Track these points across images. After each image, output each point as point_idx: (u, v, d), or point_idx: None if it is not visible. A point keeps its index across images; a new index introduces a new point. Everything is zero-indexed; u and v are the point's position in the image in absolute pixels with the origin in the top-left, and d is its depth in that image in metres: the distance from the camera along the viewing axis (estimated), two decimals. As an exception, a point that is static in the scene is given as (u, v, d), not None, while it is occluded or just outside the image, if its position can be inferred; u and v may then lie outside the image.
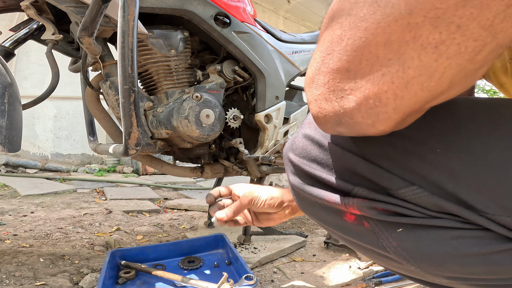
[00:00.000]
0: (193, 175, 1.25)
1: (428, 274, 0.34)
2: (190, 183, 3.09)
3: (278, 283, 1.04)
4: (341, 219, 0.37)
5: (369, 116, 0.25)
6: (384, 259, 0.37)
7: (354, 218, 0.35)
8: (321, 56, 0.27)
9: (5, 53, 0.98)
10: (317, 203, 0.38)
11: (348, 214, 0.36)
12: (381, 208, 0.33)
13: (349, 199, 0.34)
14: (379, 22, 0.22)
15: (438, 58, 0.21)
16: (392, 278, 1.02)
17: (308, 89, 0.30)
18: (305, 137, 0.39)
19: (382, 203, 0.33)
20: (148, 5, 0.93)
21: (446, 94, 0.24)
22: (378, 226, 0.34)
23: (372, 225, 0.34)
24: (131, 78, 0.74)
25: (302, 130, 0.40)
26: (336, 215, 0.37)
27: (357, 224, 0.35)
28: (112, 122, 1.20)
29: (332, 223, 0.39)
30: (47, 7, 0.96)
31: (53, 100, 3.56)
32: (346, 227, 0.37)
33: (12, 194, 2.28)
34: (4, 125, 0.74)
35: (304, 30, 5.50)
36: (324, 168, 0.37)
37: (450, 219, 0.31)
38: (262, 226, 0.75)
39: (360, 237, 0.36)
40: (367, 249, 0.38)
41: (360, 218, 0.35)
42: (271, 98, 1.21)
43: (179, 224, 1.73)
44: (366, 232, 0.35)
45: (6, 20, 2.94)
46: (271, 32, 1.29)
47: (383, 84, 0.23)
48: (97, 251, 1.25)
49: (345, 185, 0.35)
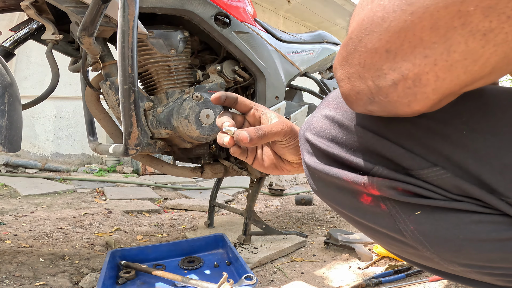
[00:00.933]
0: (193, 175, 1.25)
1: (443, 261, 0.33)
2: (190, 183, 3.09)
3: (278, 283, 1.04)
4: (357, 201, 0.36)
5: (406, 96, 0.26)
6: (398, 245, 0.36)
7: (371, 199, 0.34)
8: (358, 36, 0.27)
9: (5, 53, 0.98)
10: (333, 183, 0.37)
11: (365, 195, 0.35)
12: (401, 188, 0.32)
13: (368, 178, 0.33)
14: (427, 7, 0.22)
15: (485, 45, 0.22)
16: (392, 278, 1.02)
17: (341, 67, 0.30)
18: (324, 117, 0.38)
19: (403, 183, 0.32)
20: (148, 5, 0.93)
21: (486, 79, 0.25)
22: (396, 208, 0.33)
23: (389, 207, 0.34)
24: (131, 78, 0.74)
25: (320, 111, 0.39)
26: (352, 197, 0.36)
27: (374, 206, 0.34)
28: (112, 122, 1.21)
29: (348, 205, 0.37)
30: (47, 7, 0.96)
31: (53, 100, 3.56)
32: (362, 209, 0.36)
33: (12, 194, 2.28)
34: (4, 125, 0.74)
35: (304, 30, 5.50)
36: (343, 147, 0.36)
37: (470, 203, 0.30)
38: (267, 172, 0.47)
39: (376, 220, 0.35)
40: (382, 234, 0.36)
41: (377, 200, 0.34)
42: (271, 98, 1.21)
43: (179, 224, 1.73)
44: (382, 214, 0.34)
45: (6, 20, 2.94)
46: (271, 32, 1.29)
47: (425, 65, 0.24)
48: (97, 251, 1.25)
49: (365, 164, 0.34)
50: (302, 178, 3.68)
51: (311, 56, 1.40)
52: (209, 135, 1.03)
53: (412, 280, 1.03)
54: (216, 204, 1.58)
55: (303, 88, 1.51)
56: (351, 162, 0.35)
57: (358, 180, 0.34)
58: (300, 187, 3.39)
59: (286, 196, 2.79)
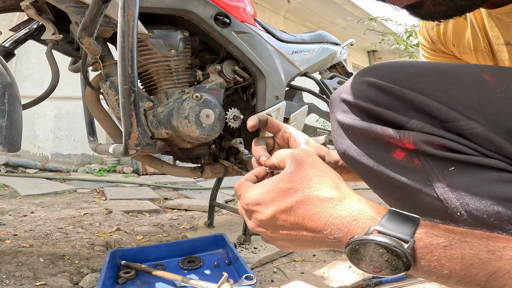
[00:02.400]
0: (193, 175, 1.25)
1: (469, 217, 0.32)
2: (190, 183, 3.09)
3: (278, 283, 1.04)
4: (389, 156, 0.36)
5: None
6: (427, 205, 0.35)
7: (404, 155, 0.35)
8: None
9: (5, 53, 0.98)
10: (367, 138, 0.38)
11: (398, 150, 0.35)
12: (437, 142, 0.33)
13: (404, 132, 0.34)
14: None
15: None
16: (392, 278, 1.02)
17: None
18: (361, 82, 0.39)
19: (438, 138, 0.33)
20: (148, 5, 0.93)
21: None
22: (430, 163, 0.34)
23: (423, 162, 0.34)
24: (131, 78, 0.74)
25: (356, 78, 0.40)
26: (385, 152, 0.36)
27: (407, 161, 0.35)
28: (112, 122, 1.20)
29: (379, 160, 0.37)
30: (47, 7, 0.96)
31: (53, 100, 3.56)
32: (394, 164, 0.36)
33: (12, 194, 2.28)
34: (4, 125, 0.74)
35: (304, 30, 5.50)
36: (379, 105, 0.37)
37: (502, 160, 0.31)
38: None
39: (408, 175, 0.35)
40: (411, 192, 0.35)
41: (411, 155, 0.34)
42: (271, 98, 1.21)
43: (179, 224, 1.73)
44: (415, 169, 0.34)
45: (6, 20, 2.94)
46: (271, 32, 1.29)
47: None
48: (97, 251, 1.25)
49: (401, 118, 0.35)
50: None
51: (311, 56, 1.40)
52: (209, 135, 1.03)
53: (412, 280, 1.03)
54: (216, 204, 1.58)
55: (303, 88, 1.51)
56: (386, 116, 0.36)
57: (393, 134, 0.35)
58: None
59: (286, 196, 2.79)
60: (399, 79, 0.36)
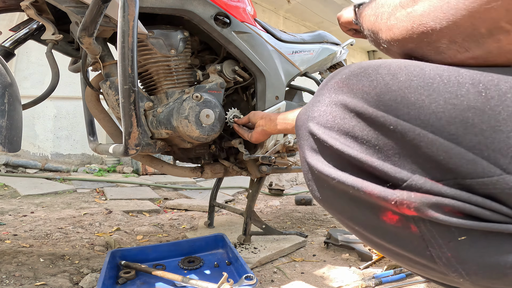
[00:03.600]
0: (193, 175, 1.25)
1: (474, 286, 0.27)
2: (190, 183, 3.09)
3: (278, 283, 1.04)
4: (377, 219, 0.28)
5: None
6: (423, 269, 0.29)
7: (398, 219, 0.27)
8: None
9: (5, 53, 0.98)
10: (346, 194, 0.28)
11: (390, 213, 0.27)
12: (450, 208, 0.24)
13: (404, 194, 0.25)
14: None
15: None
16: (392, 278, 1.02)
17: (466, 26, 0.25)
18: (333, 103, 0.28)
19: (454, 201, 0.24)
20: (148, 5, 0.93)
21: None
22: (432, 232, 0.26)
23: (422, 229, 0.26)
24: (131, 78, 0.74)
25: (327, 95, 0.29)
26: (371, 213, 0.28)
27: (401, 227, 0.27)
28: (112, 122, 1.20)
29: (363, 222, 0.29)
30: (47, 7, 0.96)
31: (53, 100, 3.56)
32: (383, 229, 0.28)
33: (12, 194, 2.28)
34: (4, 125, 0.74)
35: (304, 30, 5.50)
36: (363, 145, 0.27)
37: None
38: None
39: (400, 243, 0.28)
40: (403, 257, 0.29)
41: (407, 220, 0.26)
42: (271, 98, 1.21)
43: (179, 224, 1.73)
44: (411, 237, 0.27)
45: (6, 20, 2.94)
46: (271, 32, 1.29)
47: None
48: (97, 251, 1.25)
49: (398, 172, 0.25)
50: (302, 178, 3.67)
51: (311, 56, 1.39)
52: (209, 135, 1.03)
53: (412, 280, 1.03)
54: (216, 204, 1.58)
55: (303, 88, 1.51)
56: (375, 167, 0.26)
57: (386, 195, 0.26)
58: (300, 187, 3.39)
59: (286, 196, 2.79)
60: (392, 98, 0.25)
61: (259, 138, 1.01)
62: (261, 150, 1.21)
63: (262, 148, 1.21)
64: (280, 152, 1.27)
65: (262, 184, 1.36)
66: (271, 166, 1.28)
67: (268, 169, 1.26)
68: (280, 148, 1.24)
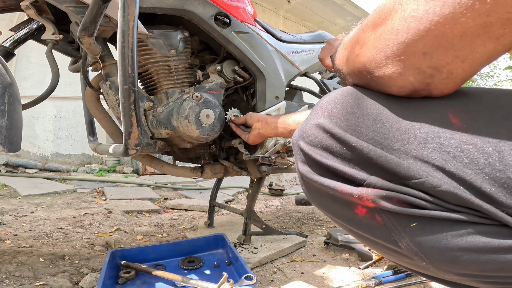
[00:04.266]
0: (193, 175, 1.25)
1: (439, 271, 0.33)
2: (190, 183, 3.09)
3: (278, 283, 1.04)
4: (352, 212, 0.36)
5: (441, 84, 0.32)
6: (394, 254, 0.36)
7: (366, 211, 0.35)
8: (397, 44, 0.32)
9: (5, 53, 0.98)
10: (327, 194, 0.37)
11: (360, 206, 0.35)
12: (396, 199, 0.32)
13: (363, 189, 0.34)
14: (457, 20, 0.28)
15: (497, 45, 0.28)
16: (392, 278, 1.02)
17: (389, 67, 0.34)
18: (316, 126, 0.38)
19: (398, 194, 0.32)
20: (148, 5, 0.93)
21: None
22: (391, 220, 0.33)
23: (384, 218, 0.34)
24: (131, 78, 0.74)
25: (313, 118, 0.39)
26: (346, 208, 0.36)
27: (369, 217, 0.35)
28: (112, 122, 1.20)
29: (342, 216, 0.38)
30: (47, 7, 0.96)
31: (53, 100, 3.56)
32: (357, 220, 0.36)
33: (12, 194, 2.28)
34: (4, 125, 0.74)
35: (304, 30, 5.50)
36: (336, 157, 0.36)
37: (468, 214, 0.30)
38: None
39: (371, 231, 0.36)
40: (378, 244, 0.37)
41: (372, 211, 0.34)
42: (271, 98, 1.21)
43: (179, 224, 1.73)
44: (377, 226, 0.34)
45: (6, 20, 2.94)
46: (271, 32, 1.29)
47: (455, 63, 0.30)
48: (97, 251, 1.25)
49: (359, 174, 0.34)
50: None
51: (311, 56, 1.39)
52: (209, 135, 1.03)
53: (412, 280, 1.03)
54: (216, 204, 1.58)
55: (303, 88, 1.51)
56: (345, 173, 0.35)
57: (352, 191, 0.34)
58: (300, 187, 3.39)
59: (286, 196, 2.79)
60: (355, 123, 0.35)
61: (255, 141, 1.03)
62: (261, 150, 1.21)
63: (262, 148, 1.21)
64: (280, 152, 1.27)
65: (262, 184, 1.36)
66: (271, 166, 1.28)
67: (268, 169, 1.26)
68: (280, 148, 1.24)
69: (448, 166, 0.30)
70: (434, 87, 0.32)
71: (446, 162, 0.30)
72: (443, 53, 0.30)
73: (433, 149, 0.31)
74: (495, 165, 0.29)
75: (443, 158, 0.31)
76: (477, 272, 0.31)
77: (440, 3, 0.28)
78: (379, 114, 0.34)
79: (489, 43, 0.28)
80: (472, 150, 0.30)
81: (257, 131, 0.98)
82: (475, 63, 0.30)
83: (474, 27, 0.28)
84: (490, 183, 0.29)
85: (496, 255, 0.30)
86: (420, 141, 0.32)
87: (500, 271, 0.30)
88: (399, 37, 0.31)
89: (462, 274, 0.33)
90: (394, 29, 0.32)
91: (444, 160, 0.31)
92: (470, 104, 0.32)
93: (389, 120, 0.34)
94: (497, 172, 0.29)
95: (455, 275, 0.33)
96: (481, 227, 0.30)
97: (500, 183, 0.29)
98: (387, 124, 0.33)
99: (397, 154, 0.32)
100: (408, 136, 0.32)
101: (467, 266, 0.31)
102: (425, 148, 0.31)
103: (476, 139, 0.30)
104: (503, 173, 0.29)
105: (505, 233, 0.29)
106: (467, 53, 0.29)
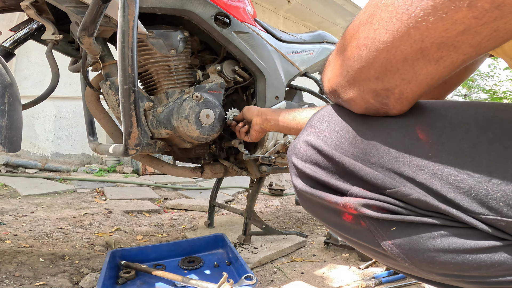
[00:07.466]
0: (193, 175, 1.25)
1: (421, 271, 0.36)
2: (190, 183, 3.09)
3: (278, 283, 1.04)
4: (340, 219, 0.39)
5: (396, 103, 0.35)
6: (382, 256, 0.39)
7: (352, 217, 0.38)
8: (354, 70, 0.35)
9: (5, 53, 0.98)
10: (318, 203, 0.41)
11: (346, 214, 0.38)
12: (375, 206, 0.36)
13: (346, 199, 0.37)
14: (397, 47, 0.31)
15: (438, 67, 0.31)
16: (392, 278, 1.02)
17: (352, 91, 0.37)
18: (306, 143, 0.42)
19: (376, 201, 0.36)
20: (148, 5, 0.93)
21: None
22: (374, 224, 0.37)
23: (368, 224, 0.37)
24: (131, 78, 0.74)
25: (303, 136, 0.43)
26: (335, 215, 0.40)
27: (355, 223, 0.38)
28: (112, 122, 1.20)
29: (333, 222, 0.41)
30: (47, 7, 0.96)
31: (53, 100, 3.56)
32: (345, 226, 0.40)
33: (12, 194, 2.28)
34: (4, 125, 0.74)
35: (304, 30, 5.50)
36: (324, 170, 0.40)
37: (439, 217, 0.34)
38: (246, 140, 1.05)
39: (358, 235, 0.39)
40: (366, 247, 0.40)
41: (357, 218, 0.37)
42: (271, 98, 1.21)
43: (179, 224, 1.73)
44: (363, 231, 0.38)
45: (6, 20, 2.94)
46: (271, 32, 1.29)
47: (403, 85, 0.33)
48: (97, 251, 1.25)
49: (343, 185, 0.38)
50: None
51: (311, 56, 1.39)
52: (209, 135, 1.03)
53: (412, 280, 1.03)
54: (216, 204, 1.58)
55: (303, 88, 1.51)
56: (331, 184, 0.39)
57: (337, 201, 0.38)
58: (300, 187, 3.39)
59: (286, 196, 2.79)
60: (338, 140, 0.39)
61: (258, 137, 1.02)
62: (261, 150, 1.21)
63: (262, 148, 1.21)
64: (280, 152, 1.27)
65: (262, 184, 1.36)
66: (271, 166, 1.28)
67: (268, 169, 1.26)
68: (280, 148, 1.24)
69: (417, 177, 0.34)
70: (392, 106, 0.36)
71: (415, 174, 0.34)
72: (391, 77, 0.33)
73: (403, 162, 0.35)
74: (457, 176, 0.32)
75: (413, 170, 0.34)
76: (456, 272, 0.34)
77: (383, 31, 0.31)
78: (358, 131, 0.38)
79: (429, 65, 0.30)
80: (437, 162, 0.33)
81: (258, 126, 0.97)
82: (421, 83, 0.33)
83: (412, 53, 0.30)
84: (455, 191, 0.32)
85: (470, 255, 0.32)
86: (393, 155, 0.35)
87: (477, 270, 0.33)
88: (356, 64, 0.35)
89: (443, 274, 0.35)
90: (352, 57, 0.35)
91: (413, 172, 0.34)
92: (436, 120, 0.36)
93: (367, 137, 0.37)
94: (459, 182, 0.32)
95: (437, 275, 0.36)
96: (454, 230, 0.33)
97: (463, 191, 0.32)
98: (365, 141, 0.37)
99: (374, 167, 0.36)
100: (382, 151, 0.36)
101: (445, 266, 0.34)
102: (397, 162, 0.35)
103: (441, 153, 0.33)
104: (464, 182, 0.32)
105: (477, 235, 0.32)
106: (412, 76, 0.32)
